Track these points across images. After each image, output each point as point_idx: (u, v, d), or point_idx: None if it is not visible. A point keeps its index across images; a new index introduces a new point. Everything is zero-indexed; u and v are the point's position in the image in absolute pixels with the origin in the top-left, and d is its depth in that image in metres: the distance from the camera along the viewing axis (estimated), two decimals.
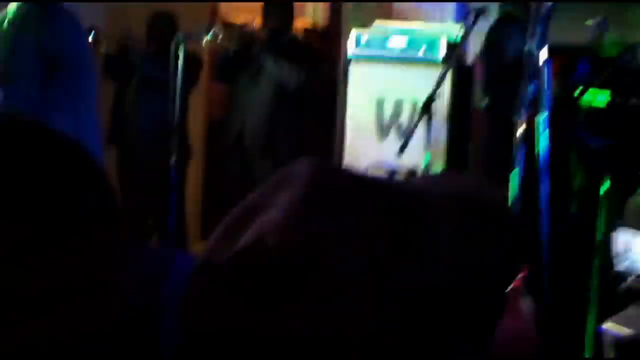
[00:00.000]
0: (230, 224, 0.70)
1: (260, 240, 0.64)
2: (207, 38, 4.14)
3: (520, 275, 0.73)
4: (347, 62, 4.56)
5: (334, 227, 0.65)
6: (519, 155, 2.88)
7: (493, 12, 4.28)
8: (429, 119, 3.37)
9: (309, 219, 0.65)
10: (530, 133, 3.11)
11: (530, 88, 3.16)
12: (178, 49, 3.99)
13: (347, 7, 5.32)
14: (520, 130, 3.09)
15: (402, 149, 3.22)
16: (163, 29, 4.79)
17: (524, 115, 3.10)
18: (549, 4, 3.00)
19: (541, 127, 2.96)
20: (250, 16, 4.99)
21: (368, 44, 4.49)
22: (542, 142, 3.00)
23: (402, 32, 4.48)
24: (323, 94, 4.94)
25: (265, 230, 0.64)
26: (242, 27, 4.83)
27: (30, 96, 3.25)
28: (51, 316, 0.59)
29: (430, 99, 3.42)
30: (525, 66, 3.23)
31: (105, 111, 4.78)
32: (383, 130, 4.42)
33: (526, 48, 3.43)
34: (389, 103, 4.42)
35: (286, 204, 0.66)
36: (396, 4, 4.95)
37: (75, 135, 2.43)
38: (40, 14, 3.33)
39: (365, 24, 4.81)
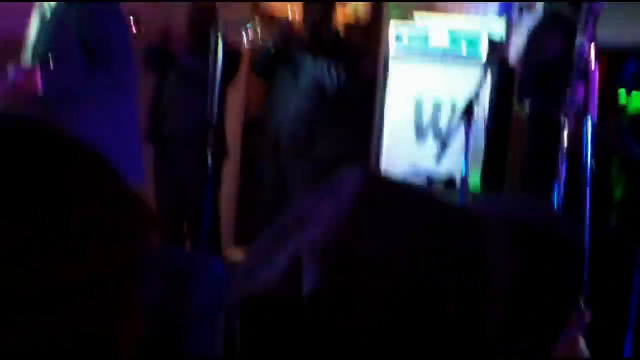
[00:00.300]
0: (273, 235, 0.69)
1: (298, 264, 0.61)
2: (248, 32, 4.11)
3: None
4: (388, 60, 4.50)
5: (378, 247, 0.62)
6: (563, 162, 2.81)
7: (539, 9, 4.19)
8: (469, 124, 3.31)
9: (350, 238, 0.62)
10: (575, 138, 3.04)
11: (578, 90, 3.08)
12: (217, 43, 3.97)
13: (389, 2, 5.26)
14: (565, 135, 3.01)
15: (440, 155, 3.16)
16: (204, 21, 4.78)
17: (569, 120, 3.02)
18: (600, 2, 2.92)
19: (586, 133, 2.89)
20: (292, 10, 4.95)
21: (409, 41, 4.42)
22: (586, 148, 2.92)
23: (443, 28, 4.41)
24: (362, 93, 4.90)
25: (304, 251, 0.62)
26: (282, 22, 4.80)
27: (70, 85, 3.29)
28: (68, 320, 0.59)
29: (471, 103, 3.35)
30: (572, 67, 3.15)
31: (144, 107, 4.79)
32: (421, 133, 4.36)
33: (575, 48, 3.36)
34: (428, 104, 4.36)
35: (328, 219, 0.63)
36: None
37: (113, 127, 2.43)
38: (81, 3, 3.36)
39: (406, 17, 4.74)
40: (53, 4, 3.40)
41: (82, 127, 3.18)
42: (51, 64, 3.30)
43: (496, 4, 4.59)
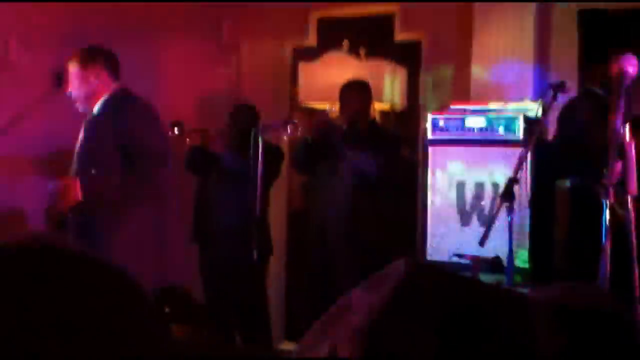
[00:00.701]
0: (321, 323, 0.69)
1: (335, 352, 0.62)
2: (287, 130, 4.19)
3: None
4: (426, 145, 4.53)
5: (416, 336, 0.61)
6: (607, 237, 2.77)
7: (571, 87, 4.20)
8: (511, 204, 3.29)
9: (385, 327, 0.62)
10: (617, 214, 2.99)
11: (614, 167, 3.06)
12: (257, 141, 4.04)
13: (425, 89, 5.33)
14: (606, 211, 2.97)
15: (484, 239, 3.13)
16: (244, 120, 4.88)
17: (609, 195, 2.98)
18: (632, 78, 2.92)
19: (627, 210, 2.85)
20: (329, 100, 5.04)
21: (446, 127, 4.47)
22: (629, 223, 2.88)
23: (480, 112, 4.45)
24: (403, 178, 4.92)
25: (340, 339, 0.62)
26: (320, 114, 4.88)
27: (106, 190, 3.40)
28: None
29: (511, 183, 3.34)
30: (609, 144, 3.13)
31: (188, 208, 4.89)
32: (465, 216, 4.35)
33: (610, 125, 3.35)
34: (469, 186, 4.36)
35: (368, 308, 0.64)
36: (474, 84, 4.93)
37: (136, 229, 2.49)
38: (118, 105, 3.54)
39: (442, 105, 4.81)
40: (95, 111, 3.53)
41: (112, 229, 3.28)
42: (91, 170, 3.46)
43: (530, 91, 4.63)
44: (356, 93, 4.66)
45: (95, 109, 3.55)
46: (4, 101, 6.40)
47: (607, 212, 2.98)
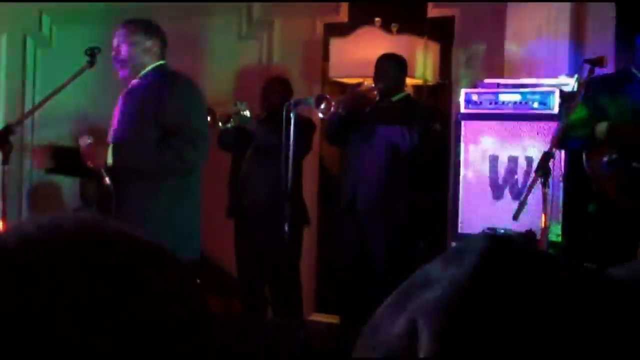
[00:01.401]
0: (399, 295, 0.68)
1: (413, 323, 0.61)
2: (320, 109, 4.18)
3: None
4: (459, 120, 4.51)
5: (500, 311, 0.59)
6: None
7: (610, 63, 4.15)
8: (546, 179, 3.26)
9: (470, 304, 0.60)
10: None
11: None
12: (290, 115, 4.05)
13: (457, 65, 5.30)
14: None
15: (517, 214, 3.11)
16: (277, 94, 4.89)
17: None
18: None
19: None
20: (360, 76, 5.03)
21: (479, 102, 4.44)
22: None
23: (514, 87, 4.42)
24: (436, 152, 4.90)
25: (418, 313, 0.61)
26: (353, 86, 4.87)
27: (140, 159, 3.42)
28: None
29: (547, 157, 3.31)
30: None
31: (223, 184, 4.92)
32: (498, 190, 4.33)
33: None
34: (502, 160, 4.34)
35: (448, 282, 0.62)
36: (508, 61, 4.89)
37: (176, 204, 2.51)
38: (163, 80, 3.50)
39: (475, 81, 4.77)
40: (136, 83, 3.54)
41: (146, 201, 3.29)
42: (126, 135, 3.46)
43: (565, 68, 4.58)
44: (391, 66, 4.65)
45: (136, 80, 3.54)
46: (40, 77, 6.49)
47: None
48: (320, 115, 4.24)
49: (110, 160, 3.35)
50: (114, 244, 0.68)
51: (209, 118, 4.29)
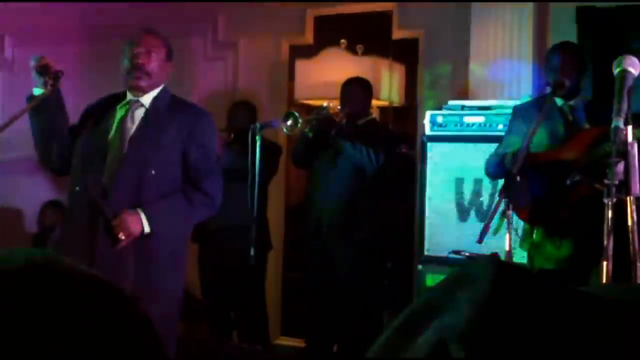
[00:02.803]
0: (406, 322, 0.68)
1: (443, 345, 0.62)
2: (286, 126, 4.17)
3: None
4: (425, 142, 4.53)
5: (526, 335, 0.62)
6: (608, 240, 2.75)
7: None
8: (510, 200, 3.27)
9: (494, 325, 0.63)
10: (621, 216, 2.98)
11: (617, 168, 3.05)
12: (255, 138, 4.03)
13: (422, 87, 5.33)
14: (609, 215, 2.95)
15: (482, 235, 3.12)
16: (243, 117, 4.88)
17: (613, 198, 2.96)
18: (633, 77, 2.92)
19: (630, 211, 2.84)
20: (326, 97, 5.03)
21: (444, 124, 4.47)
22: (633, 225, 2.86)
23: (478, 109, 4.46)
24: (401, 174, 4.91)
25: (448, 334, 0.62)
26: (319, 109, 4.87)
27: (180, 221, 3.20)
28: None
29: (511, 178, 3.33)
30: (612, 143, 3.12)
31: None
32: (463, 212, 4.35)
33: (612, 125, 3.34)
34: (468, 182, 4.36)
35: (467, 309, 0.64)
36: (472, 82, 4.93)
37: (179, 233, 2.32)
38: (187, 110, 3.28)
39: (440, 103, 4.80)
40: (149, 104, 3.26)
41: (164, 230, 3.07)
42: (151, 170, 3.15)
43: (529, 89, 4.63)
44: (357, 89, 4.67)
45: (148, 101, 3.24)
46: (2, 101, 6.41)
47: (610, 212, 2.96)
48: (285, 131, 4.24)
49: (147, 230, 3.06)
50: (64, 283, 0.66)
51: None
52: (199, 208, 3.21)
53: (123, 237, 3.00)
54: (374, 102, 5.41)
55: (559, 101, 3.72)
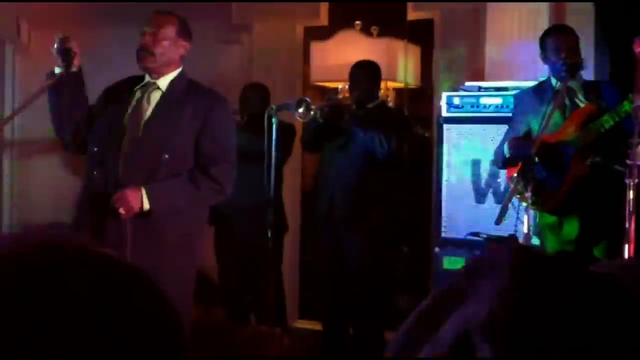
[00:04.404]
0: (425, 314, 0.68)
1: (466, 337, 0.61)
2: (298, 113, 4.15)
3: None
4: (440, 124, 4.51)
5: (554, 322, 0.61)
6: (631, 224, 2.73)
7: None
8: (527, 183, 3.26)
9: (518, 313, 0.62)
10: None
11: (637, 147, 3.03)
12: (271, 120, 4.02)
13: (438, 68, 5.30)
14: (630, 196, 2.93)
15: (500, 218, 3.11)
16: (256, 100, 4.87)
17: (635, 178, 2.94)
18: None
19: None
20: (341, 80, 5.01)
21: (461, 106, 4.44)
22: None
23: (495, 90, 4.43)
24: (417, 156, 4.89)
25: (470, 327, 0.62)
26: (332, 93, 4.85)
27: (182, 201, 3.16)
28: None
29: (529, 160, 3.31)
30: (634, 123, 3.10)
31: None
32: (480, 194, 4.33)
33: (633, 104, 3.31)
34: (485, 164, 4.34)
35: (490, 296, 0.63)
36: (488, 63, 4.89)
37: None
38: (204, 95, 3.27)
39: (456, 84, 4.77)
40: (165, 87, 3.23)
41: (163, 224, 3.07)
42: (164, 154, 3.14)
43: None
44: (364, 73, 4.63)
45: (165, 84, 3.22)
46: (19, 84, 6.43)
47: (631, 192, 2.94)
48: (298, 118, 4.23)
49: (147, 206, 3.04)
50: (81, 263, 0.66)
51: None
52: (205, 192, 3.18)
53: (123, 212, 3.01)
54: (390, 84, 5.38)
55: (554, 82, 3.69)
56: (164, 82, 3.23)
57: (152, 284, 0.69)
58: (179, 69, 3.28)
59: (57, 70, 3.14)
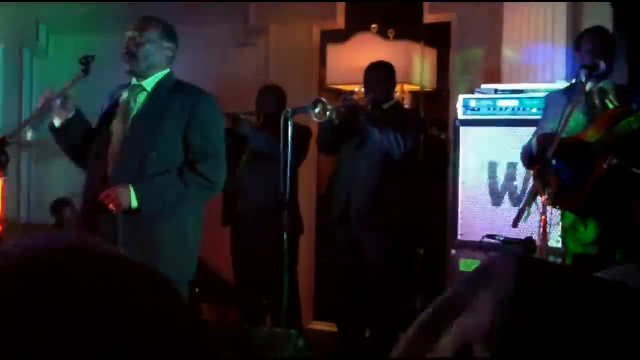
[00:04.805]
0: (426, 324, 0.68)
1: (467, 347, 0.62)
2: (315, 114, 4.16)
3: None
4: (457, 126, 4.50)
5: (554, 333, 0.61)
6: None
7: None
8: (544, 185, 3.25)
9: (519, 324, 0.62)
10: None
11: None
12: (287, 123, 4.03)
13: (455, 71, 5.29)
14: None
15: (517, 221, 3.10)
16: (272, 101, 4.89)
17: None
18: None
19: None
20: (357, 83, 5.01)
21: (477, 108, 4.43)
22: None
23: (512, 93, 4.41)
24: (433, 158, 4.88)
25: (471, 337, 0.62)
26: (346, 95, 4.86)
27: (170, 198, 3.19)
28: None
29: (546, 164, 3.30)
30: None
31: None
32: (497, 196, 4.31)
33: None
34: (502, 167, 4.33)
35: (491, 307, 0.63)
36: (505, 66, 4.88)
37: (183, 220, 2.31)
38: (191, 93, 3.30)
39: (473, 87, 4.76)
40: (150, 89, 3.29)
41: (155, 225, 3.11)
42: (152, 153, 3.19)
43: (562, 73, 4.58)
44: (379, 74, 4.63)
45: (151, 85, 3.28)
46: (37, 87, 6.48)
47: None
48: (315, 119, 4.24)
49: (135, 204, 3.08)
50: (102, 266, 0.67)
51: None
52: (195, 190, 3.21)
53: (112, 208, 3.07)
54: (407, 87, 5.38)
55: (589, 85, 3.67)
56: (150, 83, 3.30)
57: (173, 289, 0.70)
58: (166, 71, 3.33)
59: (57, 122, 3.29)
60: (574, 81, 3.86)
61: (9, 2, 6.15)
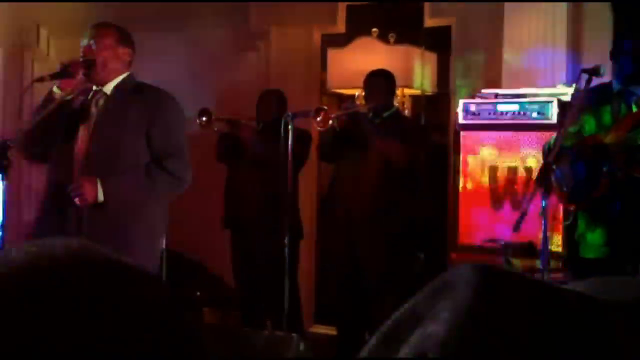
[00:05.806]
0: (387, 333, 0.67)
1: (424, 355, 0.61)
2: (317, 122, 4.17)
3: None
4: (458, 130, 4.51)
5: (512, 343, 0.60)
6: None
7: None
8: (546, 189, 3.25)
9: (476, 334, 0.61)
10: None
11: None
12: (287, 127, 4.04)
13: (455, 75, 5.29)
14: None
15: (518, 225, 3.10)
16: (272, 106, 4.89)
17: None
18: None
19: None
20: (358, 87, 5.02)
21: (477, 112, 4.44)
22: None
23: (512, 97, 4.42)
24: (434, 163, 4.88)
25: (428, 347, 0.61)
26: (349, 101, 4.87)
27: (137, 192, 3.25)
28: None
29: (547, 167, 3.30)
30: None
31: (219, 195, 4.91)
32: (497, 200, 4.32)
33: None
34: (502, 171, 4.33)
35: (449, 317, 0.62)
36: (505, 70, 4.88)
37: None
38: (150, 94, 3.35)
39: (473, 91, 4.77)
40: (110, 92, 3.34)
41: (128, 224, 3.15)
42: (117, 154, 3.25)
43: (563, 77, 4.58)
44: (379, 84, 4.63)
45: (109, 89, 3.33)
46: (37, 91, 6.49)
47: None
48: (317, 127, 4.24)
49: (101, 198, 3.13)
50: (104, 272, 0.67)
51: (204, 119, 4.51)
52: (161, 186, 3.26)
53: (78, 202, 3.13)
54: (407, 91, 5.38)
55: (616, 86, 3.64)
56: (109, 87, 3.35)
57: (175, 294, 0.70)
58: (125, 74, 3.38)
59: (56, 90, 3.31)
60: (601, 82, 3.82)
61: (9, 3, 6.16)
